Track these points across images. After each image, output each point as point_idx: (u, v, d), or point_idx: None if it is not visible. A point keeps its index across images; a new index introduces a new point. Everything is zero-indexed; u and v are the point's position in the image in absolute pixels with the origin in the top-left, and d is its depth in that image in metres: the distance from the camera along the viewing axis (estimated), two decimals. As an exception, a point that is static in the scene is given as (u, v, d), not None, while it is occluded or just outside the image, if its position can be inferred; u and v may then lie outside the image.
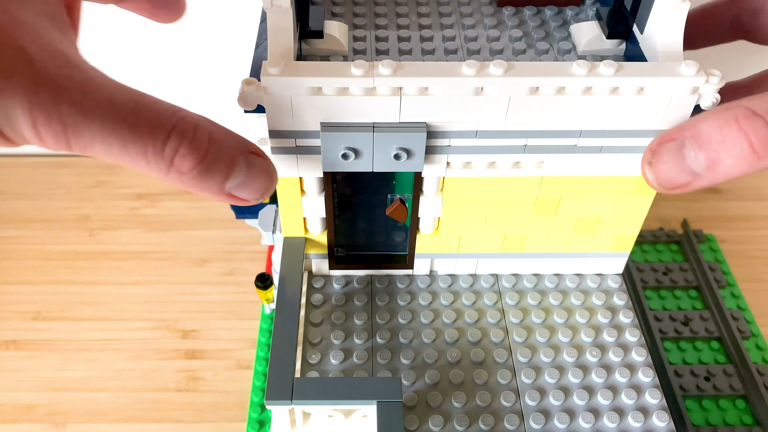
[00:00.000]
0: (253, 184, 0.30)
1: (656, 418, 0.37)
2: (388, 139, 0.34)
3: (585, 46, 0.37)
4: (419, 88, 0.32)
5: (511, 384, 0.38)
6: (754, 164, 0.28)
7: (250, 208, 0.53)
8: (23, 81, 0.24)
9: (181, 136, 0.27)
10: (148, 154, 0.26)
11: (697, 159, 0.29)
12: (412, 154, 0.34)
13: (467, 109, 0.33)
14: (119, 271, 0.58)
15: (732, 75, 0.67)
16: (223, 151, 0.28)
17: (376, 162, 0.35)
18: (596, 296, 0.42)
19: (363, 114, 0.33)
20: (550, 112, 0.34)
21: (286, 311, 0.37)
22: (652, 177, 0.31)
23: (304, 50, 0.37)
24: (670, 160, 0.30)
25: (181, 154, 0.27)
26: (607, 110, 0.33)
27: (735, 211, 0.65)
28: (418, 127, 0.34)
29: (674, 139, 0.30)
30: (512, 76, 0.32)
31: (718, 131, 0.28)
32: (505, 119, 0.34)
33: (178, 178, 0.27)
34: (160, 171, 0.27)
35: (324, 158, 0.35)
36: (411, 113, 0.33)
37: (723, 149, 0.28)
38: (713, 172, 0.29)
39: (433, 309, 0.42)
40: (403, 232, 0.42)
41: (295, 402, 0.33)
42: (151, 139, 0.26)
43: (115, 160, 0.27)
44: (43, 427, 0.48)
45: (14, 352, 0.52)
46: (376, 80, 0.32)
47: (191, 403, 0.49)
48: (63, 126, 0.25)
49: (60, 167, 0.68)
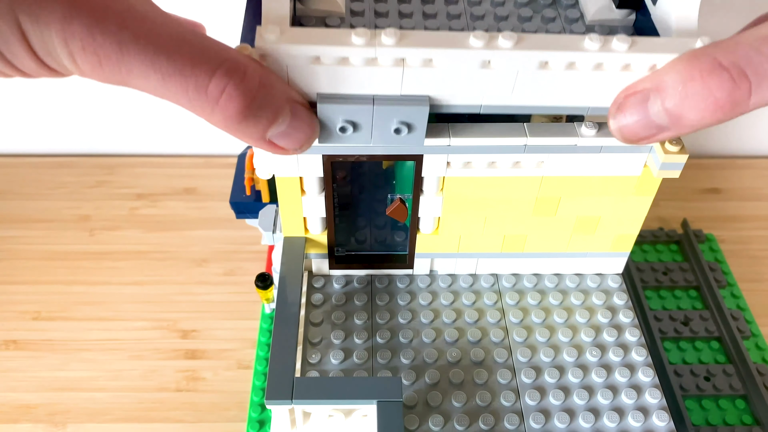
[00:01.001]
0: (295, 134, 0.29)
1: (656, 417, 0.37)
2: (389, 112, 0.32)
3: (593, 15, 0.36)
4: (423, 60, 0.31)
5: (511, 384, 0.38)
6: (720, 118, 0.27)
7: (250, 207, 0.53)
8: (58, 9, 0.24)
9: (228, 75, 0.26)
10: (189, 89, 0.26)
11: (661, 113, 0.28)
12: (413, 129, 0.33)
13: (472, 83, 0.32)
14: (119, 271, 0.58)
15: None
16: (271, 97, 0.28)
17: (375, 137, 0.33)
18: (596, 296, 0.42)
19: (363, 86, 0.31)
20: (558, 88, 0.32)
21: (286, 311, 0.37)
22: (615, 129, 0.31)
23: (298, 10, 0.35)
24: (634, 113, 0.29)
25: (228, 94, 0.26)
26: (617, 87, 0.32)
27: (735, 211, 0.65)
28: (421, 100, 0.32)
29: (638, 92, 0.29)
30: (522, 49, 0.30)
31: (682, 85, 0.27)
32: (511, 94, 0.32)
33: (223, 120, 0.27)
34: (204, 109, 0.26)
35: (321, 132, 0.33)
36: (413, 86, 0.32)
37: (686, 103, 0.27)
38: (677, 126, 0.29)
39: (433, 309, 0.42)
40: (403, 232, 0.42)
41: (295, 402, 0.33)
42: (193, 74, 0.25)
43: (156, 94, 0.26)
44: (43, 427, 0.48)
45: (14, 352, 0.52)
46: (378, 50, 0.30)
47: (191, 403, 0.49)
48: (97, 57, 0.25)
49: (60, 167, 0.68)
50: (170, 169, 0.69)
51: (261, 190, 0.53)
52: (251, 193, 0.53)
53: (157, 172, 0.68)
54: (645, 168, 0.37)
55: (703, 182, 0.68)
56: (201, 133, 0.70)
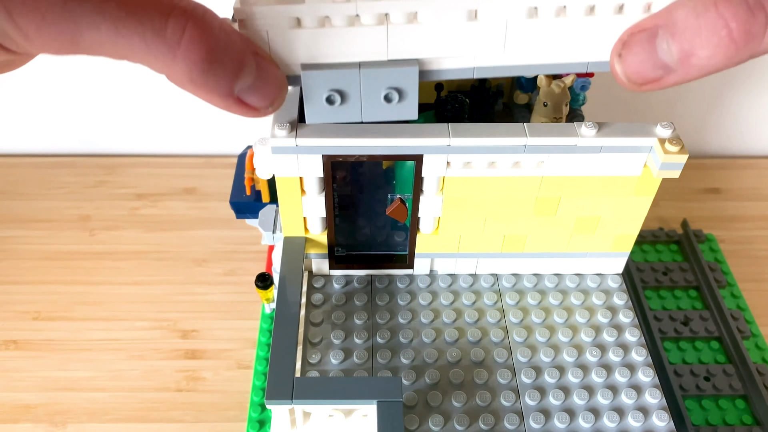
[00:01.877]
0: (264, 88, 0.27)
1: (656, 417, 0.37)
2: (377, 77, 0.31)
3: None
4: (407, 14, 0.29)
5: (511, 384, 0.38)
6: (731, 56, 0.26)
7: (250, 207, 0.53)
8: None
9: (186, 15, 0.23)
10: (146, 35, 0.23)
11: (670, 50, 0.27)
12: (404, 95, 0.32)
13: (461, 40, 0.30)
14: (119, 271, 0.58)
15: (732, 73, 0.67)
16: (234, 42, 0.25)
17: (365, 107, 0.32)
18: (596, 296, 0.42)
19: (348, 52, 0.30)
20: (552, 40, 0.31)
21: (286, 311, 0.37)
22: (620, 70, 0.29)
23: None
24: (641, 52, 0.28)
25: (190, 36, 0.23)
26: (613, 35, 0.30)
27: (735, 211, 0.65)
28: (409, 62, 0.31)
29: (647, 29, 0.27)
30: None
31: (694, 18, 0.26)
32: (503, 50, 0.31)
33: (186, 68, 0.24)
34: (165, 57, 0.23)
35: (307, 108, 0.32)
36: (400, 48, 0.30)
37: (698, 38, 0.26)
38: (686, 66, 0.27)
39: (433, 309, 0.42)
40: (403, 232, 0.42)
41: (295, 401, 0.33)
42: (148, 16, 0.23)
43: (110, 51, 0.23)
44: (43, 427, 0.48)
45: (14, 352, 0.52)
46: (360, 5, 0.29)
47: (191, 403, 0.49)
48: (40, 12, 0.22)
49: (60, 167, 0.68)
50: (170, 169, 0.69)
51: (261, 190, 0.53)
52: (251, 193, 0.53)
53: (157, 172, 0.68)
54: (645, 168, 0.37)
55: (703, 182, 0.68)
56: (201, 133, 0.70)
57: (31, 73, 0.65)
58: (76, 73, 0.65)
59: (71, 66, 0.64)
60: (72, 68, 0.65)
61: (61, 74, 0.65)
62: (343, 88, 0.31)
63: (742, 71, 0.66)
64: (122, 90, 0.67)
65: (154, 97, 0.67)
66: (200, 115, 0.68)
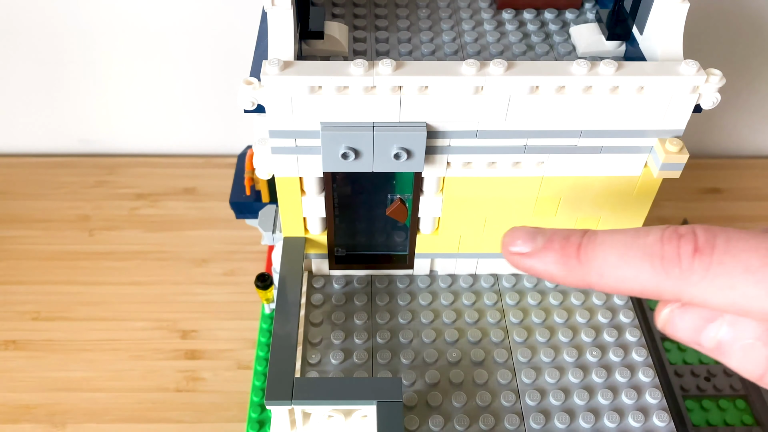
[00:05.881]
0: None
1: (656, 418, 0.37)
2: (388, 139, 0.34)
3: (585, 48, 0.37)
4: (419, 87, 0.32)
5: (511, 384, 0.38)
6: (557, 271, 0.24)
7: (250, 207, 0.53)
8: None
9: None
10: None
11: None
12: (412, 154, 0.34)
13: (467, 109, 0.33)
14: (119, 271, 0.58)
15: (732, 74, 0.67)
16: None
17: (376, 162, 0.35)
18: (596, 296, 0.42)
19: (363, 114, 0.33)
20: (551, 112, 0.34)
21: (286, 311, 0.37)
22: None
23: (304, 51, 0.37)
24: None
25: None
26: (608, 110, 0.33)
27: (735, 211, 0.65)
28: (418, 126, 0.34)
29: None
30: (512, 75, 0.32)
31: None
32: (505, 119, 0.34)
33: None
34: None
35: (324, 158, 0.35)
36: (411, 113, 0.33)
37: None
38: None
39: (433, 309, 0.42)
40: (403, 232, 0.42)
41: (295, 402, 0.33)
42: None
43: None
44: (43, 427, 0.48)
45: (14, 352, 0.52)
46: (376, 79, 0.32)
47: (191, 403, 0.49)
48: None
49: (60, 167, 0.68)
50: (170, 169, 0.69)
51: (261, 190, 0.53)
52: (251, 193, 0.53)
53: (157, 172, 0.68)
54: (645, 168, 0.37)
55: (704, 182, 0.68)
56: (201, 133, 0.70)
57: (31, 73, 0.65)
58: (76, 72, 0.65)
59: (71, 66, 0.64)
60: (72, 68, 0.65)
61: (61, 74, 0.65)
62: (357, 147, 0.34)
63: (742, 71, 0.66)
64: (122, 90, 0.67)
65: (154, 97, 0.67)
66: (200, 115, 0.68)
